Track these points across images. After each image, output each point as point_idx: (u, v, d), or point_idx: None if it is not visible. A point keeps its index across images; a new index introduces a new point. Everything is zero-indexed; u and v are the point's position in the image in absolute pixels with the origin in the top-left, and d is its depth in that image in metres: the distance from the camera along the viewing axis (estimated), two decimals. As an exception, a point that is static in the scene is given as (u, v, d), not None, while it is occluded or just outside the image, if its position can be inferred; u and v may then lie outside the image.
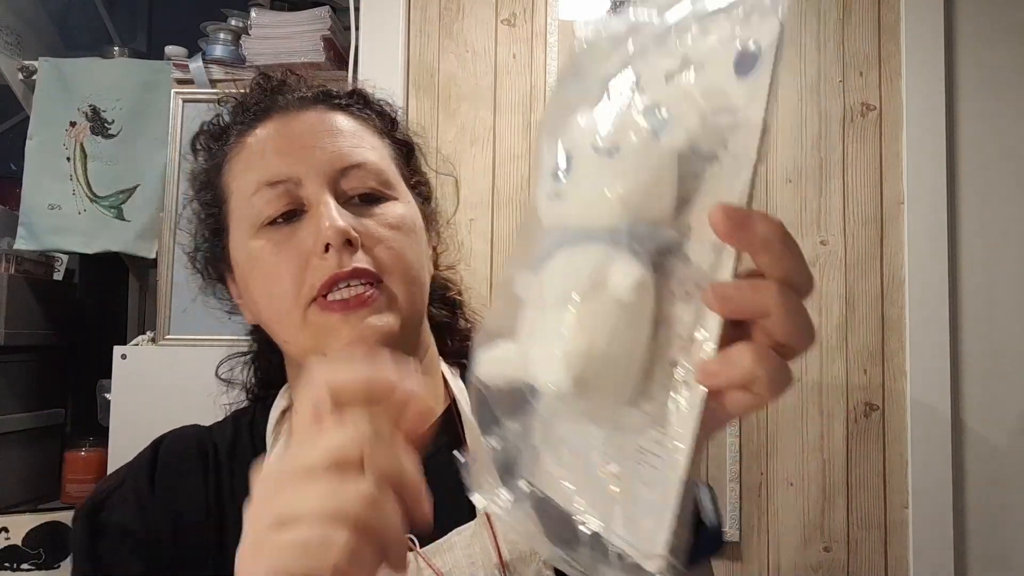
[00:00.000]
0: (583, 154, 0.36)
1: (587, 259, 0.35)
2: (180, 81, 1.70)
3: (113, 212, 1.75)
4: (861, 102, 1.58)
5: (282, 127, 0.64)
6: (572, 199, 0.36)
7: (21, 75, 1.84)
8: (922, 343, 1.52)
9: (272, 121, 0.65)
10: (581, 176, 0.36)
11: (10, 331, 1.70)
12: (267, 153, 0.63)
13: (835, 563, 1.51)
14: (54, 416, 1.89)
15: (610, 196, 0.34)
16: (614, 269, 0.34)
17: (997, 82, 1.58)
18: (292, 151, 0.62)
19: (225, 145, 0.67)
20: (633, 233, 0.34)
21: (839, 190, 1.57)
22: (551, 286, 0.36)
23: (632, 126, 0.35)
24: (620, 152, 0.34)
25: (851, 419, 1.53)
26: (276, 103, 0.66)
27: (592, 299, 0.34)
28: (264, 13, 1.67)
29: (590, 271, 0.34)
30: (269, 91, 0.68)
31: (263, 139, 0.64)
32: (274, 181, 0.61)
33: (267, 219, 0.62)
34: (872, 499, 1.52)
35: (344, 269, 0.58)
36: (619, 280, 0.34)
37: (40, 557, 1.58)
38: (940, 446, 1.50)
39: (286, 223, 0.62)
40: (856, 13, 1.59)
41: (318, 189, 0.60)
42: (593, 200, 0.35)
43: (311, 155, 0.62)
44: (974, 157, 1.57)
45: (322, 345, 0.60)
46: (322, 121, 0.65)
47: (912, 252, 1.53)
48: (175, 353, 1.59)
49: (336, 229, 0.58)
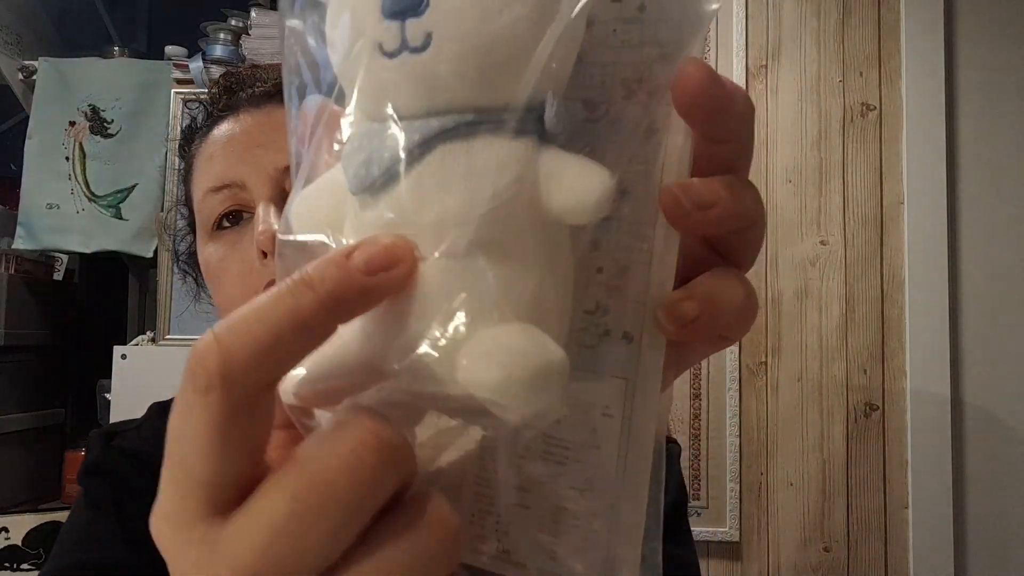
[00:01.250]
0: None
1: (493, 158, 0.21)
2: (180, 81, 1.70)
3: (111, 211, 1.76)
4: (861, 102, 1.58)
5: (233, 127, 0.63)
6: (445, 50, 0.21)
7: (21, 75, 1.84)
8: (922, 343, 1.52)
9: (225, 122, 0.63)
10: (452, 5, 0.21)
11: (10, 331, 1.70)
12: (215, 157, 0.62)
13: (835, 563, 1.51)
14: (54, 416, 1.89)
15: (519, 41, 0.21)
16: (540, 172, 0.22)
17: (997, 82, 1.58)
18: (236, 152, 0.61)
19: (191, 148, 0.67)
20: (551, 110, 0.22)
21: (839, 190, 1.57)
22: (402, 220, 0.21)
23: None
24: None
25: (851, 419, 1.53)
26: (231, 103, 0.64)
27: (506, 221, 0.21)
28: (264, 13, 1.67)
29: (499, 180, 0.21)
30: (226, 90, 0.66)
31: (215, 141, 0.63)
32: (218, 186, 0.60)
33: (214, 223, 0.61)
34: (872, 499, 1.52)
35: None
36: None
37: (40, 557, 1.58)
38: (940, 446, 1.50)
39: (233, 227, 0.60)
40: (856, 13, 1.59)
41: (260, 190, 0.59)
42: (489, 49, 0.21)
43: (254, 155, 0.60)
44: (974, 157, 1.57)
45: None
46: (270, 117, 0.62)
47: (912, 252, 1.53)
48: (175, 353, 1.59)
49: (268, 235, 0.56)
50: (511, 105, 0.21)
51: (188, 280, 0.73)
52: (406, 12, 0.21)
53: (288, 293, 0.20)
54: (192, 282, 0.73)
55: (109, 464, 0.63)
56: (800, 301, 1.56)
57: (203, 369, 0.19)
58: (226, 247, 0.60)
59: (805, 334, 1.55)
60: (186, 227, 0.70)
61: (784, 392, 1.54)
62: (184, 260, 0.72)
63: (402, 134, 0.21)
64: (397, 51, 0.21)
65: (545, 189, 0.21)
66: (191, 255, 0.70)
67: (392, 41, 0.21)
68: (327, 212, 0.24)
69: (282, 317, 0.20)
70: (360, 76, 0.22)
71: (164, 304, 1.64)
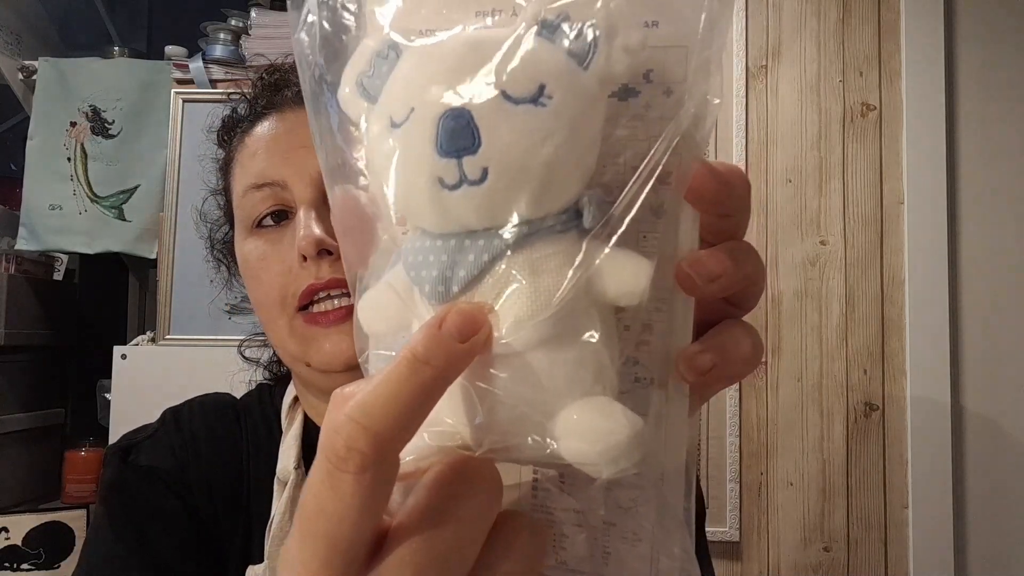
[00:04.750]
0: (492, 109, 0.24)
1: (551, 259, 0.25)
2: (180, 81, 1.70)
3: (114, 212, 1.76)
4: (861, 102, 1.58)
5: (276, 126, 0.63)
6: (500, 180, 0.24)
7: (21, 75, 1.84)
8: (922, 343, 1.52)
9: (269, 120, 0.64)
10: (504, 143, 0.24)
11: (10, 331, 1.70)
12: (257, 155, 0.62)
13: (835, 563, 1.51)
14: (54, 416, 1.89)
15: (561, 162, 0.24)
16: (593, 265, 0.25)
17: (997, 82, 1.58)
18: (279, 152, 0.61)
19: (232, 141, 0.67)
20: (588, 209, 0.25)
21: (839, 190, 1.57)
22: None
23: (545, 52, 0.25)
24: (550, 97, 0.24)
25: (851, 419, 1.53)
26: (275, 101, 0.65)
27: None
28: (264, 13, 1.67)
29: (559, 278, 0.25)
30: (271, 87, 0.67)
31: (257, 139, 0.63)
32: (260, 184, 0.61)
33: (255, 221, 0.61)
34: (872, 499, 1.52)
35: (320, 280, 0.57)
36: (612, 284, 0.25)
37: (40, 557, 1.58)
38: (940, 446, 1.50)
39: (276, 225, 0.61)
40: (856, 13, 1.59)
41: (302, 192, 0.59)
42: (537, 174, 0.24)
43: (298, 156, 0.60)
44: (974, 157, 1.57)
45: (306, 356, 0.60)
46: None
47: (912, 252, 1.53)
48: (175, 353, 1.59)
49: (310, 240, 0.57)
50: (555, 211, 0.25)
51: (221, 269, 0.73)
52: (462, 151, 0.24)
53: (409, 371, 0.22)
54: (225, 271, 0.73)
55: (128, 483, 0.64)
56: (800, 301, 1.56)
57: (356, 452, 0.21)
58: (267, 245, 0.61)
59: (805, 334, 1.55)
60: (222, 217, 0.70)
61: (784, 392, 1.54)
62: (219, 249, 0.72)
63: (471, 251, 0.25)
64: (457, 185, 0.24)
65: (599, 278, 0.25)
66: (225, 244, 0.70)
67: (451, 176, 0.24)
68: (395, 317, 0.27)
69: (412, 394, 0.22)
70: (421, 204, 0.25)
71: (164, 304, 1.64)
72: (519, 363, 0.25)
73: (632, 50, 0.25)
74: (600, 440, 0.24)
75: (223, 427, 0.68)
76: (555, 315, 0.25)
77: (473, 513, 0.24)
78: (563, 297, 0.25)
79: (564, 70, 0.25)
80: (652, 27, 0.26)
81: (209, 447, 0.66)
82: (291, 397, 0.69)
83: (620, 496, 0.28)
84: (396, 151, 0.25)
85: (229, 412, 0.70)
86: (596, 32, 0.25)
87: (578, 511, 0.29)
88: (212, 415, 0.69)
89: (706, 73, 0.26)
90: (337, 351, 0.58)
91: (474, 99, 0.24)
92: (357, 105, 0.27)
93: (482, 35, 0.26)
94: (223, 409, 0.70)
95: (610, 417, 0.25)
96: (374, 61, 0.27)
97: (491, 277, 0.25)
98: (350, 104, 0.28)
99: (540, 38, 0.25)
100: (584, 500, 0.29)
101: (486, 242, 0.25)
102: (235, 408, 0.71)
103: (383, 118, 0.26)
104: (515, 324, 0.25)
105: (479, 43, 0.25)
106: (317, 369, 0.60)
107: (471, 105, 0.24)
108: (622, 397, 0.27)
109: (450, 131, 0.24)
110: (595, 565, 0.29)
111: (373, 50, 0.27)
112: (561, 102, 0.24)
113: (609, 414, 0.25)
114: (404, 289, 0.27)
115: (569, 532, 0.29)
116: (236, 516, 0.64)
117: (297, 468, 0.63)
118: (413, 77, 0.26)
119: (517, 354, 0.25)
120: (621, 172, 0.27)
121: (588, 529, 0.29)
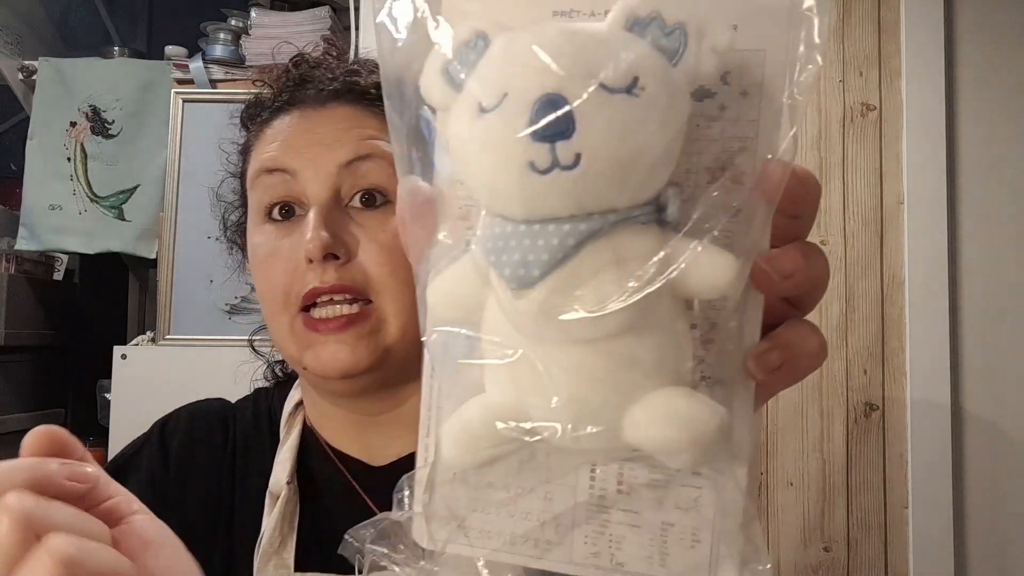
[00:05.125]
0: (591, 98, 0.24)
1: (636, 248, 0.26)
2: (180, 81, 1.70)
3: (114, 212, 1.76)
4: (861, 102, 1.58)
5: (296, 122, 0.63)
6: (593, 167, 0.24)
7: (21, 75, 1.84)
8: (922, 343, 1.52)
9: (290, 115, 0.64)
10: (600, 130, 0.24)
11: (10, 331, 1.70)
12: (275, 142, 0.62)
13: (835, 563, 1.51)
14: (54, 416, 1.89)
15: (651, 153, 0.25)
16: (677, 258, 0.26)
17: (997, 82, 1.58)
18: (295, 145, 0.61)
19: (253, 127, 0.67)
20: (673, 203, 0.26)
21: (839, 190, 1.57)
22: (561, 308, 0.26)
23: (639, 47, 0.25)
24: (644, 89, 0.25)
25: (851, 419, 1.53)
26: (298, 96, 0.64)
27: (648, 310, 0.25)
28: (264, 13, 1.67)
29: (646, 268, 0.25)
30: (296, 81, 0.66)
31: (276, 130, 0.63)
32: (270, 168, 0.61)
33: (265, 208, 0.61)
34: (872, 499, 1.52)
35: (324, 284, 0.57)
36: (703, 274, 0.26)
37: (40, 557, 1.58)
38: (940, 446, 1.50)
39: (284, 220, 0.61)
40: (856, 13, 1.59)
41: (313, 188, 0.59)
42: (629, 163, 0.25)
43: (312, 152, 0.60)
44: (974, 157, 1.57)
45: (303, 360, 0.59)
46: (338, 117, 0.62)
47: (912, 252, 1.53)
48: (175, 353, 1.59)
49: (316, 244, 0.56)
50: (640, 202, 0.26)
51: (234, 251, 0.73)
52: (556, 136, 0.24)
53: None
54: (238, 253, 0.72)
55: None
56: (800, 301, 1.55)
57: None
58: (275, 241, 0.60)
59: (805, 334, 1.55)
60: (238, 200, 0.70)
61: (784, 392, 1.54)
62: (232, 231, 0.72)
63: (555, 236, 0.25)
64: (549, 169, 0.25)
65: (683, 271, 0.26)
66: (239, 226, 0.70)
67: (543, 161, 0.24)
68: (466, 300, 0.29)
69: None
70: (509, 187, 0.26)
71: (164, 304, 1.64)
72: (603, 348, 0.26)
73: (719, 51, 0.26)
74: (687, 427, 0.25)
75: (207, 438, 0.67)
76: (638, 303, 0.25)
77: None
78: (647, 286, 0.25)
79: (656, 64, 0.25)
80: (732, 30, 0.27)
81: (188, 464, 0.65)
82: (292, 403, 0.68)
83: (680, 496, 0.29)
84: (485, 135, 0.26)
85: (216, 423, 0.68)
86: (686, 32, 0.26)
87: (636, 512, 0.29)
88: (198, 425, 0.68)
89: (783, 76, 0.27)
90: (334, 360, 0.57)
91: (571, 87, 0.24)
92: (442, 92, 0.28)
93: (577, 26, 0.26)
94: (210, 418, 0.69)
95: (696, 405, 0.26)
96: (460, 50, 0.27)
97: (574, 262, 0.25)
98: (434, 91, 0.28)
99: (632, 33, 0.26)
100: (642, 500, 0.29)
101: (571, 227, 0.25)
102: (225, 415, 0.70)
103: (470, 104, 0.26)
104: (600, 309, 0.25)
105: (575, 33, 0.26)
106: (312, 374, 0.60)
107: (568, 92, 0.24)
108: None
109: (545, 115, 0.24)
110: (652, 567, 0.29)
111: (460, 39, 0.27)
112: (653, 94, 0.25)
113: (695, 402, 0.26)
114: (479, 273, 0.27)
115: (626, 533, 0.29)
116: (215, 532, 0.63)
117: (290, 483, 0.62)
118: (507, 63, 0.26)
119: (601, 339, 0.26)
120: (698, 171, 0.28)
121: (646, 530, 0.29)
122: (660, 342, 0.26)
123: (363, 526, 0.32)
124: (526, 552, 0.30)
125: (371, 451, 0.65)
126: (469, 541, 0.31)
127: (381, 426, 0.65)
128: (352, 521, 0.65)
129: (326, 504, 0.62)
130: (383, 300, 0.58)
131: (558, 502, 0.30)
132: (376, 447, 0.65)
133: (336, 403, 0.65)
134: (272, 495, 0.62)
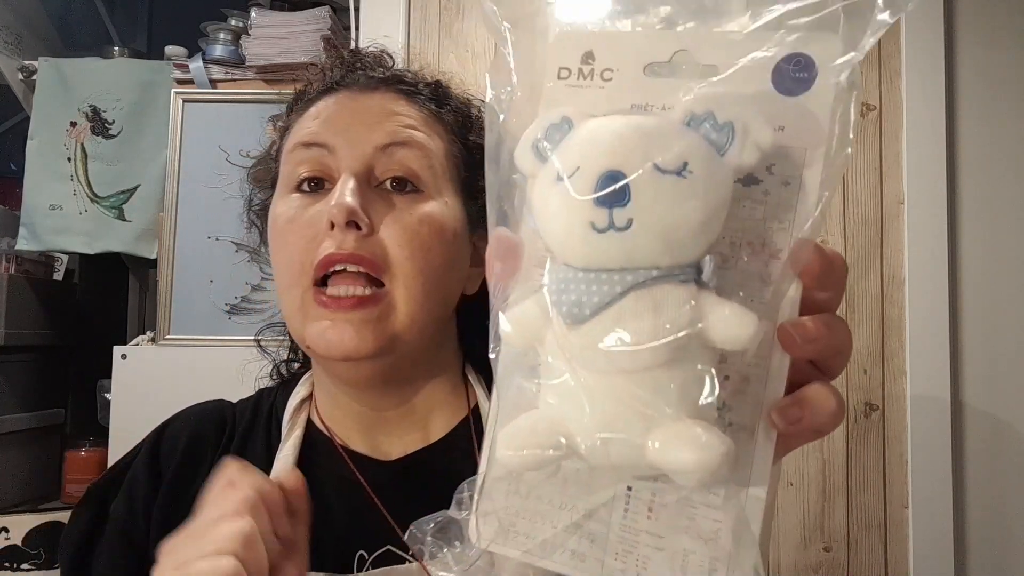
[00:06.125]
0: (644, 175, 0.30)
1: (672, 300, 0.31)
2: (180, 81, 1.70)
3: (114, 212, 1.76)
4: (861, 102, 1.58)
5: (343, 102, 0.64)
6: (642, 230, 0.30)
7: (21, 75, 1.84)
8: (922, 343, 1.52)
9: (336, 96, 0.64)
10: (650, 202, 0.30)
11: (10, 331, 1.70)
12: (317, 118, 0.63)
13: (835, 563, 1.51)
14: (54, 416, 1.89)
15: (692, 224, 0.31)
16: (706, 311, 0.31)
17: (997, 82, 1.58)
18: (336, 122, 0.62)
19: (297, 107, 0.68)
20: (708, 267, 0.32)
21: (839, 190, 1.57)
22: (605, 342, 0.31)
23: (691, 138, 0.31)
24: (691, 172, 0.30)
25: (851, 419, 1.53)
26: (346, 79, 0.66)
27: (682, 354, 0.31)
28: (264, 13, 1.67)
29: (679, 316, 0.31)
30: (348, 66, 0.67)
31: (320, 108, 0.64)
32: (308, 142, 0.61)
33: (296, 181, 0.61)
34: (872, 499, 1.52)
35: (342, 251, 0.56)
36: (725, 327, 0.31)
37: (40, 557, 1.58)
38: (940, 446, 1.50)
39: (312, 192, 0.61)
40: (856, 13, 1.59)
41: (348, 162, 0.59)
42: (672, 230, 0.30)
43: (352, 129, 0.61)
44: (974, 157, 1.57)
45: (307, 337, 0.59)
46: (381, 102, 0.63)
47: (912, 252, 1.53)
48: (175, 353, 1.59)
49: (342, 207, 0.56)
50: (682, 263, 0.31)
51: (253, 230, 0.73)
52: (614, 203, 0.30)
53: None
54: (257, 233, 0.73)
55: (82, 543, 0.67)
56: (800, 301, 1.55)
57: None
58: (299, 209, 0.60)
59: (805, 334, 1.55)
60: (268, 180, 0.70)
61: (784, 392, 1.54)
62: (255, 211, 0.72)
63: (606, 283, 0.31)
64: (605, 229, 0.31)
65: (710, 323, 0.31)
66: (263, 208, 0.70)
67: (602, 222, 0.31)
68: (534, 330, 0.34)
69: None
70: (573, 241, 0.32)
71: (164, 304, 1.64)
72: (637, 378, 0.31)
73: (762, 147, 0.32)
74: (697, 451, 0.30)
75: (202, 442, 0.67)
76: (669, 344, 0.30)
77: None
78: (678, 331, 0.30)
79: (705, 153, 0.31)
80: (779, 131, 0.33)
81: (183, 471, 0.65)
82: (297, 400, 0.68)
83: (703, 528, 0.33)
84: (559, 199, 0.32)
85: (212, 425, 0.68)
86: (734, 129, 0.31)
87: (662, 536, 0.34)
88: (193, 430, 0.68)
89: (819, 172, 0.33)
90: (338, 340, 0.57)
91: (630, 165, 0.30)
92: (531, 162, 0.34)
93: (642, 119, 0.33)
94: (205, 422, 0.69)
95: (708, 434, 0.30)
96: (549, 130, 0.34)
97: (619, 306, 0.31)
98: (524, 160, 0.35)
99: (688, 127, 0.32)
100: (668, 526, 0.34)
101: (620, 277, 0.31)
102: (223, 416, 0.69)
103: (551, 174, 0.33)
104: (636, 345, 0.30)
105: (639, 124, 0.32)
106: (316, 353, 0.60)
107: (627, 168, 0.30)
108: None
109: (606, 186, 0.31)
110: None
111: (550, 121, 0.34)
112: (699, 177, 0.31)
113: (708, 432, 0.30)
114: (544, 309, 0.33)
115: (652, 555, 0.34)
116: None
117: None
118: (583, 143, 0.32)
119: (636, 371, 0.31)
120: (739, 244, 0.34)
121: (669, 554, 0.34)
122: (685, 379, 0.31)
123: (425, 520, 0.38)
124: (561, 560, 0.35)
125: (378, 447, 0.65)
126: (513, 543, 0.36)
127: (389, 423, 0.65)
128: (354, 517, 0.67)
129: (328, 500, 0.62)
130: (396, 284, 0.58)
131: (596, 519, 0.35)
132: (383, 443, 0.65)
133: (345, 392, 0.65)
134: None
